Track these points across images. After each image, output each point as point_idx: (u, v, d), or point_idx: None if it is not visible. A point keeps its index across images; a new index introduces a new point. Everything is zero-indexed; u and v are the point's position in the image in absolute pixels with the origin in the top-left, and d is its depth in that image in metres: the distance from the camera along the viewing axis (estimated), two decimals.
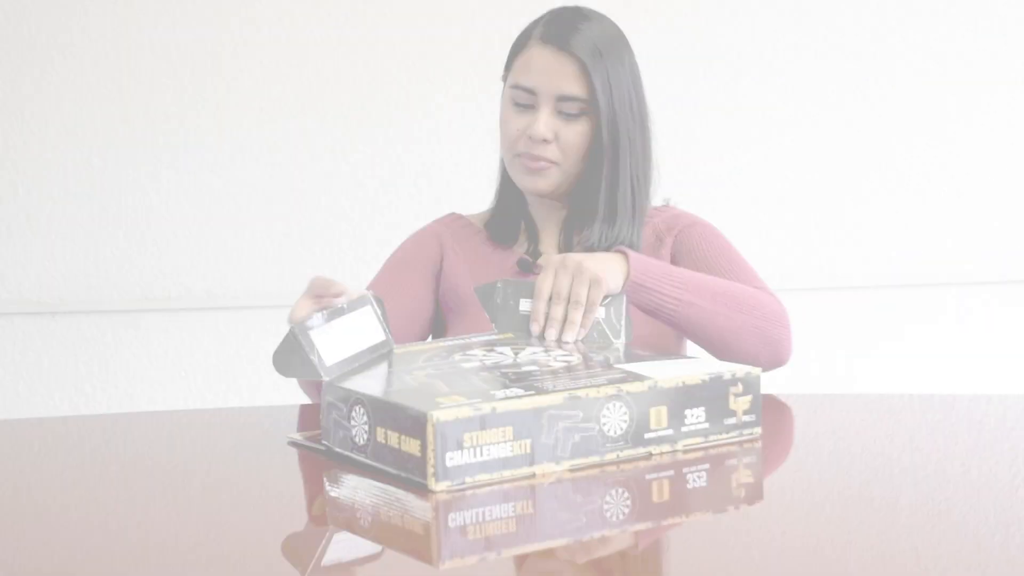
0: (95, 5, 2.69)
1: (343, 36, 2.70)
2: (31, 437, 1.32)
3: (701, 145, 2.71)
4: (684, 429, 1.06)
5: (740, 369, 1.11)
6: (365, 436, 1.02)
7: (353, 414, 1.03)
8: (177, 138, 2.71)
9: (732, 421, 1.09)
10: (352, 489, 1.01)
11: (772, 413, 1.31)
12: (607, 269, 1.30)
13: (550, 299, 1.26)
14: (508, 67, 1.57)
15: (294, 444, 1.14)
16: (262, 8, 2.69)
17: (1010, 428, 1.22)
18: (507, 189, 1.64)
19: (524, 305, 1.28)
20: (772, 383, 1.47)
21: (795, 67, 2.71)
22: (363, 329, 1.17)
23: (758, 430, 1.11)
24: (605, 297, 1.28)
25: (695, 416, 1.07)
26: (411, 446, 0.96)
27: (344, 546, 0.87)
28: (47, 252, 2.71)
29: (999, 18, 2.71)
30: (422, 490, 0.94)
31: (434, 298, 1.60)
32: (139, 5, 2.69)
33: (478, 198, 1.74)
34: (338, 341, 1.13)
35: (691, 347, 1.55)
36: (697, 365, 1.13)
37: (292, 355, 1.09)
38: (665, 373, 1.07)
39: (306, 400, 1.45)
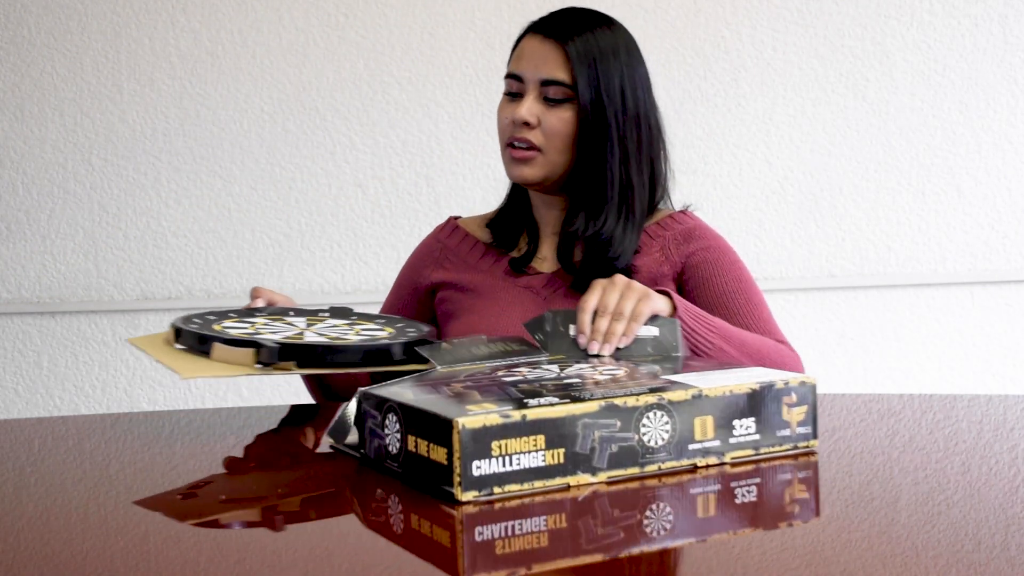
0: (95, 5, 2.69)
1: (343, 37, 2.70)
2: (31, 437, 1.32)
3: (702, 144, 2.71)
4: (732, 441, 1.02)
5: (794, 378, 1.06)
6: (398, 444, 0.98)
7: (387, 422, 1.00)
8: (177, 138, 2.71)
9: (786, 432, 1.05)
10: (368, 495, 0.99)
11: None
12: (655, 293, 1.30)
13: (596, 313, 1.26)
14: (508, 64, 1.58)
15: (334, 448, 1.12)
16: (262, 8, 2.69)
17: (1010, 428, 1.22)
18: (515, 190, 1.66)
19: (574, 330, 1.26)
20: None
21: (795, 67, 2.71)
22: None
23: (815, 442, 1.07)
24: (655, 318, 1.27)
25: (744, 427, 1.02)
26: (439, 454, 0.92)
27: (357, 555, 0.87)
28: (47, 252, 2.71)
29: (999, 18, 2.71)
30: (449, 500, 0.91)
31: (431, 314, 1.65)
32: (139, 5, 2.69)
33: (478, 199, 1.75)
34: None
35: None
36: (747, 373, 1.08)
37: (339, 429, 1.09)
38: (712, 382, 1.03)
39: (301, 401, 1.45)
